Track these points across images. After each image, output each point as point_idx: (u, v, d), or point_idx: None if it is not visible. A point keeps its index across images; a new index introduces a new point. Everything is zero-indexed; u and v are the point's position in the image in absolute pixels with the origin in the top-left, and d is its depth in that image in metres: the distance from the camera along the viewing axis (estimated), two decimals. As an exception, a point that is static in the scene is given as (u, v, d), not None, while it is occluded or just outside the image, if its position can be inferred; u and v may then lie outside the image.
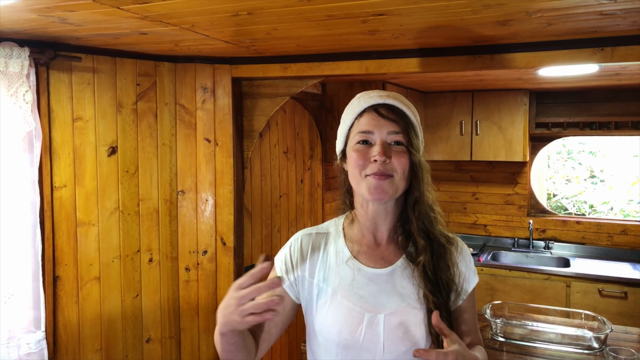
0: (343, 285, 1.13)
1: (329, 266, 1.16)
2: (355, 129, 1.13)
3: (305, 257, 1.18)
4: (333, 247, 1.18)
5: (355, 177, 1.11)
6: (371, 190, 1.08)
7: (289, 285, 1.17)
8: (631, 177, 6.28)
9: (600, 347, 1.79)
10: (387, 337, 1.08)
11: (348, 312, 1.11)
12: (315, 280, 1.16)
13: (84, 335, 2.21)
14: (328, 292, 1.14)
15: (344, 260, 1.16)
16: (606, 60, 1.82)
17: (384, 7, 1.41)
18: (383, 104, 1.12)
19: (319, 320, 1.14)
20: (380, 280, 1.13)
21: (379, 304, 1.11)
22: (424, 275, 1.10)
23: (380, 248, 1.17)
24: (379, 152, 1.06)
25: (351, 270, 1.14)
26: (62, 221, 2.12)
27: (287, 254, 1.20)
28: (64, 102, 2.09)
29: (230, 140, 2.45)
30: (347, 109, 1.18)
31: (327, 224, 1.25)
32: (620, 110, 3.68)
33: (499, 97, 3.75)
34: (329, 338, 1.12)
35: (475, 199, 4.24)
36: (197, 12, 1.48)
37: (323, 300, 1.14)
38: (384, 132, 1.09)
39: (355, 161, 1.10)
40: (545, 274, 3.43)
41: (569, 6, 1.38)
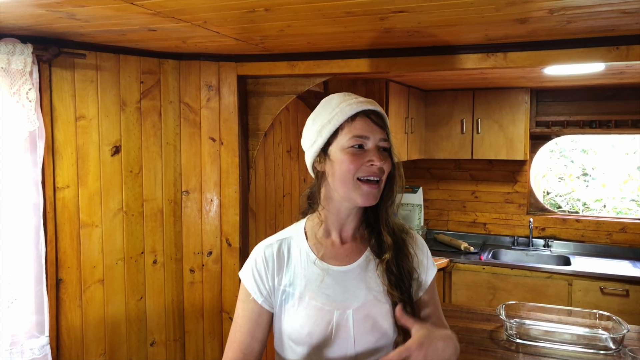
0: (310, 287, 1.16)
1: (294, 270, 1.19)
2: (347, 131, 1.14)
3: (271, 267, 1.20)
4: (296, 251, 1.21)
5: (345, 179, 1.13)
6: (365, 197, 1.12)
7: (263, 301, 1.20)
8: (623, 175, 6.34)
9: (617, 348, 1.78)
10: (357, 331, 1.13)
11: (317, 312, 1.14)
12: (282, 287, 1.18)
13: (88, 339, 2.15)
14: (295, 295, 1.17)
15: (309, 263, 1.19)
16: (621, 59, 1.81)
17: (405, 4, 1.38)
18: (372, 111, 1.16)
19: (289, 324, 1.17)
20: (347, 277, 1.18)
21: (347, 300, 1.15)
22: (388, 270, 1.16)
23: (344, 246, 1.22)
24: (378, 157, 1.12)
25: (318, 272, 1.17)
26: (64, 223, 2.07)
27: (253, 271, 1.21)
28: (67, 101, 2.04)
29: (235, 140, 2.40)
30: (330, 110, 1.17)
31: (287, 230, 1.27)
32: (620, 108, 3.70)
33: (500, 96, 3.74)
34: (299, 340, 1.15)
35: (475, 197, 4.24)
36: (212, 8, 1.44)
37: (290, 304, 1.17)
38: (376, 138, 1.14)
39: (350, 164, 1.12)
40: (547, 272, 3.43)
41: (594, 4, 1.36)
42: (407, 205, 4.22)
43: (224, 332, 2.49)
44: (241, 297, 1.22)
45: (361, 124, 1.14)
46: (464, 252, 3.82)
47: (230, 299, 2.47)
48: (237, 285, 2.46)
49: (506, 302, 2.04)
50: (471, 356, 1.78)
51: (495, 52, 1.94)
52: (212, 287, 2.46)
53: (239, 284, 2.46)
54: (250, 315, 1.20)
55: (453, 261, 3.66)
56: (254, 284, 1.20)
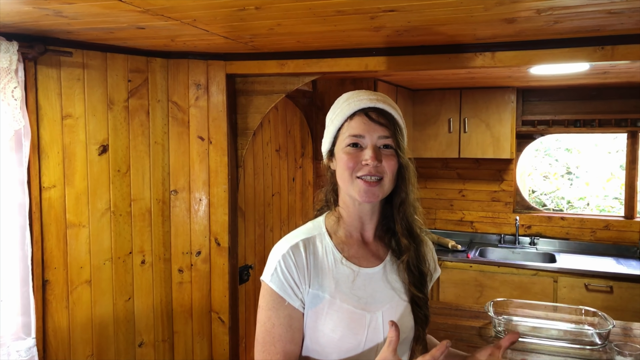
0: (340, 289, 1.12)
1: (322, 271, 1.13)
2: (345, 131, 1.14)
3: (301, 269, 1.12)
4: (322, 250, 1.15)
5: (345, 178, 1.13)
6: (361, 193, 1.11)
7: (300, 304, 1.12)
8: (606, 174, 6.45)
9: (602, 343, 1.81)
10: (387, 332, 1.07)
11: (350, 315, 1.10)
12: (311, 289, 1.12)
13: (75, 340, 2.13)
14: (325, 298, 1.11)
15: (337, 263, 1.14)
16: (606, 59, 1.84)
17: (396, 3, 1.39)
18: (373, 108, 1.14)
19: (318, 328, 1.11)
20: (375, 278, 1.16)
21: (377, 302, 1.14)
22: (409, 271, 1.17)
23: (368, 246, 1.20)
24: (371, 156, 1.10)
25: (348, 272, 1.14)
26: (51, 223, 2.04)
27: (284, 274, 1.12)
28: (53, 99, 2.01)
29: (224, 139, 2.39)
30: (335, 109, 1.19)
31: (307, 228, 1.22)
32: (604, 108, 3.76)
33: (486, 95, 3.78)
34: (329, 345, 1.10)
35: (462, 196, 4.27)
36: (203, 5, 1.43)
37: (320, 307, 1.11)
38: (374, 136, 1.12)
39: (346, 163, 1.12)
40: (533, 269, 3.48)
41: (581, 4, 1.38)
42: (395, 204, 4.23)
43: (213, 332, 2.48)
44: (271, 304, 1.11)
45: (357, 122, 1.13)
46: (451, 250, 3.85)
47: (219, 299, 2.46)
48: (226, 285, 2.45)
49: (494, 299, 2.06)
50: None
51: (483, 51, 1.95)
52: (201, 287, 2.45)
53: (228, 284, 2.45)
54: (289, 322, 1.11)
55: (441, 259, 3.68)
56: (289, 288, 1.11)
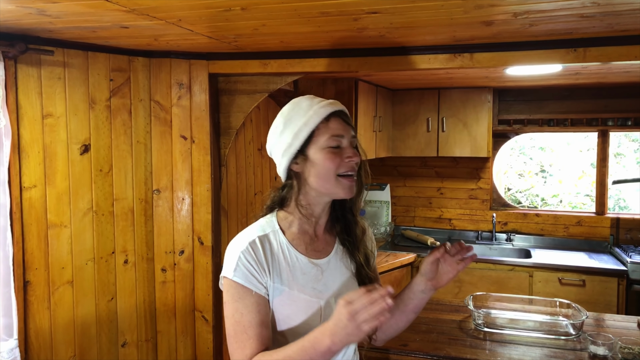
0: (297, 281, 1.22)
1: (279, 265, 1.22)
2: (324, 131, 1.21)
3: (260, 261, 1.19)
4: (277, 246, 1.23)
5: (327, 177, 1.21)
6: (346, 190, 1.22)
7: (265, 292, 1.18)
8: (577, 172, 6.64)
9: (577, 333, 1.89)
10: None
11: (306, 304, 1.20)
12: (271, 282, 1.20)
13: (57, 341, 2.11)
14: (284, 290, 1.20)
15: (292, 257, 1.23)
16: (579, 60, 1.91)
17: (379, 5, 1.43)
18: (342, 111, 1.26)
19: (279, 317, 1.20)
20: (327, 268, 1.27)
21: (330, 289, 1.24)
22: (357, 257, 1.30)
23: (319, 239, 1.30)
24: (354, 153, 1.23)
25: (302, 265, 1.23)
26: (32, 223, 2.02)
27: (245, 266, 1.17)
28: (33, 98, 1.99)
29: (207, 138, 2.40)
30: (303, 113, 1.22)
31: (261, 225, 1.26)
32: (576, 108, 3.88)
33: (464, 95, 3.86)
34: (289, 332, 1.20)
35: (440, 194, 4.35)
36: (188, 6, 1.45)
37: (280, 298, 1.20)
38: (349, 135, 1.25)
39: (331, 162, 1.20)
40: (510, 265, 3.57)
41: (555, 8, 1.44)
42: (375, 202, 4.30)
43: (197, 331, 2.48)
44: (236, 297, 1.16)
45: (336, 124, 1.22)
46: (430, 247, 3.92)
47: (202, 298, 2.47)
48: (209, 283, 2.46)
49: (474, 294, 2.13)
50: (441, 345, 1.85)
51: (462, 52, 2.01)
52: (184, 286, 2.45)
53: (212, 282, 2.46)
54: (257, 308, 1.16)
55: (420, 256, 3.75)
56: (253, 278, 1.16)
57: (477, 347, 1.82)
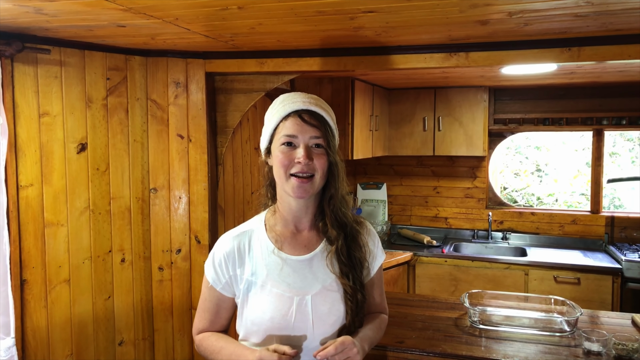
0: (271, 276, 1.26)
1: (255, 260, 1.27)
2: (280, 131, 1.25)
3: (232, 259, 1.28)
4: (257, 242, 1.29)
5: (280, 175, 1.24)
6: (295, 190, 1.22)
7: (222, 288, 1.31)
8: (573, 171, 6.67)
9: (571, 330, 1.90)
10: (315, 315, 1.24)
11: (278, 299, 1.24)
12: (245, 276, 1.27)
13: (54, 340, 2.11)
14: (257, 284, 1.26)
15: (269, 253, 1.28)
16: (573, 60, 1.93)
17: (375, 5, 1.44)
18: (306, 110, 1.24)
19: (252, 310, 1.26)
20: (304, 265, 1.28)
21: (306, 287, 1.26)
22: (339, 259, 1.28)
23: (302, 236, 1.32)
24: (303, 155, 1.21)
25: (278, 261, 1.27)
26: (28, 222, 2.02)
27: (214, 262, 1.32)
28: (30, 97, 1.99)
29: (204, 137, 2.41)
30: (272, 110, 1.29)
31: (249, 222, 1.37)
32: (571, 107, 3.90)
33: (460, 94, 3.87)
34: (262, 325, 1.25)
35: (437, 192, 4.37)
36: (185, 5, 1.45)
37: (253, 291, 1.26)
38: (306, 136, 1.23)
39: (281, 161, 1.22)
40: (505, 263, 3.59)
41: (550, 7, 1.46)
42: (372, 201, 4.31)
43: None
44: (205, 282, 1.35)
45: (291, 123, 1.23)
46: (426, 245, 3.94)
47: (199, 296, 2.47)
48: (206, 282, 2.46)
49: (469, 291, 2.14)
50: (437, 342, 1.86)
51: (457, 51, 2.02)
52: (181, 284, 2.46)
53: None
54: (216, 302, 1.34)
55: (417, 255, 3.77)
56: (214, 274, 1.31)
57: (472, 344, 1.84)
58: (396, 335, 1.91)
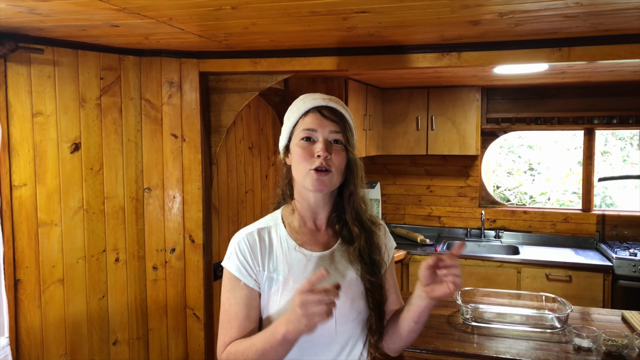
0: (293, 272, 1.24)
1: (277, 256, 1.25)
2: (299, 126, 1.25)
3: (255, 253, 1.25)
4: (276, 239, 1.27)
5: (300, 170, 1.23)
6: (314, 183, 1.21)
7: (254, 284, 1.24)
8: (565, 169, 6.73)
9: (562, 326, 1.93)
10: (338, 311, 1.19)
11: None
12: (266, 272, 1.24)
13: (48, 340, 2.11)
14: (279, 280, 1.23)
15: (290, 249, 1.26)
16: (563, 60, 1.95)
17: (367, 5, 1.45)
18: (326, 106, 1.25)
19: (274, 308, 1.23)
20: (325, 261, 1.27)
21: (327, 281, 1.21)
22: (360, 258, 1.27)
23: (320, 233, 1.31)
24: (322, 148, 1.21)
25: (300, 258, 1.25)
26: (22, 222, 2.02)
27: (238, 257, 1.25)
28: (23, 97, 1.99)
29: (198, 136, 2.41)
30: (292, 108, 1.30)
31: (266, 219, 1.34)
32: (562, 106, 3.94)
33: (453, 94, 3.90)
34: None
35: (430, 191, 4.40)
36: (179, 5, 1.46)
37: (275, 288, 1.23)
38: (326, 130, 1.23)
39: (301, 155, 1.22)
40: (498, 261, 3.62)
41: (540, 8, 1.48)
42: (366, 200, 4.32)
43: (188, 328, 2.50)
44: (229, 287, 1.25)
45: (311, 118, 1.24)
46: (420, 244, 3.96)
47: (194, 295, 2.48)
48: (200, 281, 2.47)
49: (462, 289, 2.16)
50: (430, 339, 1.88)
51: (450, 51, 2.04)
52: (175, 284, 2.46)
53: (203, 280, 2.47)
54: (245, 301, 1.23)
55: (410, 253, 3.79)
56: (242, 269, 1.24)
57: (465, 341, 1.86)
58: (389, 332, 1.93)
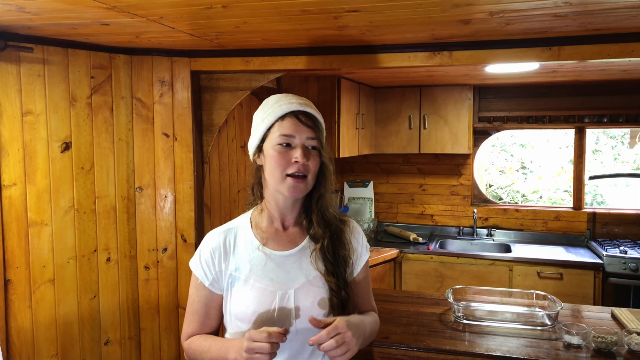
0: (255, 271, 1.28)
1: (240, 256, 1.30)
2: (276, 130, 1.25)
3: (217, 255, 1.30)
4: (242, 239, 1.32)
5: (275, 175, 1.25)
6: (290, 189, 1.24)
7: (210, 284, 1.32)
8: (557, 168, 6.77)
9: (552, 324, 1.94)
10: (296, 309, 1.26)
11: (261, 293, 1.27)
12: (229, 272, 1.30)
13: (39, 340, 2.10)
14: (241, 279, 1.28)
15: (253, 249, 1.30)
16: (553, 59, 1.96)
17: (358, 4, 1.45)
18: (302, 111, 1.27)
19: (235, 304, 1.28)
20: (288, 261, 1.30)
21: (289, 281, 1.28)
22: (324, 257, 1.30)
23: (287, 232, 1.34)
24: (301, 154, 1.23)
25: (262, 256, 1.29)
26: (12, 221, 2.00)
27: (200, 259, 1.33)
28: (12, 96, 1.97)
29: (189, 135, 2.40)
30: (266, 109, 1.29)
31: (236, 220, 1.39)
32: (554, 105, 3.96)
33: (445, 93, 3.91)
34: (245, 319, 1.27)
35: (423, 190, 4.41)
36: (169, 3, 1.45)
37: (237, 286, 1.29)
38: (303, 137, 1.25)
39: (277, 161, 1.24)
40: (490, 259, 3.64)
41: (529, 7, 1.48)
42: (359, 199, 4.33)
43: (181, 328, 2.48)
44: (193, 283, 1.36)
45: (289, 123, 1.25)
46: (413, 242, 3.97)
47: (186, 295, 2.45)
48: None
49: (454, 287, 2.17)
50: (422, 337, 1.89)
51: (441, 50, 2.05)
52: (167, 283, 2.45)
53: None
54: (204, 301, 1.33)
55: (403, 252, 3.80)
56: (201, 270, 1.32)
57: (456, 339, 1.87)
58: (381, 331, 1.93)
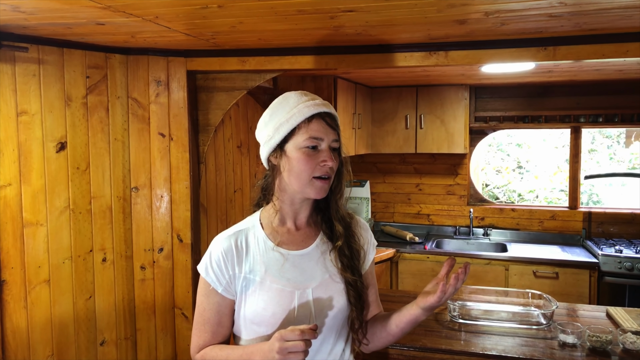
0: (270, 272, 1.25)
1: (253, 258, 1.26)
2: (304, 132, 1.22)
3: (230, 258, 1.26)
4: (253, 240, 1.28)
5: (302, 177, 1.22)
6: (317, 191, 1.23)
7: (223, 289, 1.26)
8: (553, 167, 6.79)
9: (547, 323, 1.95)
10: (316, 308, 1.24)
11: (279, 294, 1.23)
12: (242, 274, 1.25)
13: (34, 341, 2.09)
14: (256, 281, 1.24)
15: (267, 250, 1.27)
16: (549, 59, 1.97)
17: (354, 4, 1.45)
18: (327, 113, 1.25)
19: (251, 307, 1.23)
20: (303, 260, 1.28)
21: (306, 280, 1.26)
22: (341, 253, 1.29)
23: (299, 231, 1.32)
24: (330, 157, 1.22)
25: (277, 257, 1.26)
26: (7, 222, 2.00)
27: (211, 263, 1.27)
28: (7, 95, 1.97)
29: (185, 135, 2.40)
30: (288, 109, 1.24)
31: (245, 221, 1.35)
32: (550, 105, 3.97)
33: (441, 92, 3.92)
34: (262, 322, 1.23)
35: (419, 189, 4.41)
36: (165, 3, 1.45)
37: (252, 289, 1.24)
38: (330, 139, 1.24)
39: (307, 163, 1.21)
40: (486, 259, 3.65)
41: (524, 8, 1.49)
42: (356, 198, 4.33)
43: (177, 328, 2.49)
44: (203, 291, 1.28)
45: (317, 126, 1.22)
46: (409, 242, 3.98)
47: (182, 295, 2.47)
48: (189, 281, 2.46)
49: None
50: (418, 337, 1.89)
51: (437, 50, 2.05)
52: (163, 283, 2.45)
53: (192, 280, 2.46)
54: (217, 308, 1.27)
55: (399, 251, 3.80)
56: (213, 275, 1.26)
57: (452, 338, 1.87)
58: (378, 330, 1.94)
